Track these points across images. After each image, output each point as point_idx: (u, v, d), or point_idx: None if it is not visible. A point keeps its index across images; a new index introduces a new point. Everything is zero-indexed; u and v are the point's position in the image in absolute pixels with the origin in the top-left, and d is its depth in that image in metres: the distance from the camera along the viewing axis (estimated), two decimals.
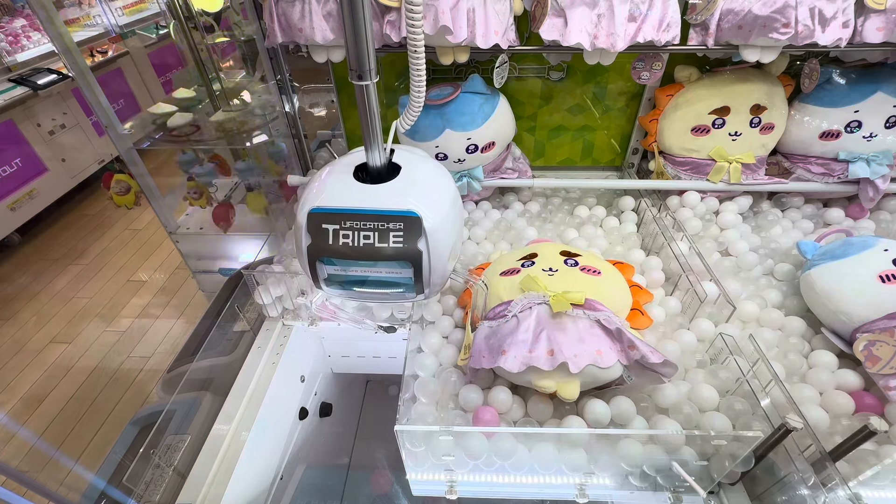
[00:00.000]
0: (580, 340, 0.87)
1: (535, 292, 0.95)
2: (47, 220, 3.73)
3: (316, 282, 0.90)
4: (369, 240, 0.82)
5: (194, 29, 1.84)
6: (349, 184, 0.87)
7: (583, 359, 0.85)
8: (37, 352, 2.68)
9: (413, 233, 0.81)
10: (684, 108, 1.43)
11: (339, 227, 0.82)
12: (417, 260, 0.83)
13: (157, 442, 1.03)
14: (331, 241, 0.83)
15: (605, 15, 1.17)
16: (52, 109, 3.52)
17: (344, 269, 0.87)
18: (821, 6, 1.11)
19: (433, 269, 0.86)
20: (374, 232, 0.82)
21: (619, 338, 0.88)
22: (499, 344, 0.91)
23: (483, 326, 0.99)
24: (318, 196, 0.86)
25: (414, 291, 0.90)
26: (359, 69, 0.76)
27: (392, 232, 0.81)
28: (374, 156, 0.86)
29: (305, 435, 1.40)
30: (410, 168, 0.90)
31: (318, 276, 0.88)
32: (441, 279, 0.91)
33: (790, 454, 0.82)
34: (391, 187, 0.86)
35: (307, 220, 0.84)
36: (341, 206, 0.84)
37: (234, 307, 1.33)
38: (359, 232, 0.82)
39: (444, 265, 0.89)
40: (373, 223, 0.82)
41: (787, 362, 1.03)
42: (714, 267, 1.24)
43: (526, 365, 0.86)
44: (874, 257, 1.04)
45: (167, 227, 2.12)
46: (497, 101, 1.46)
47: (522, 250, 1.17)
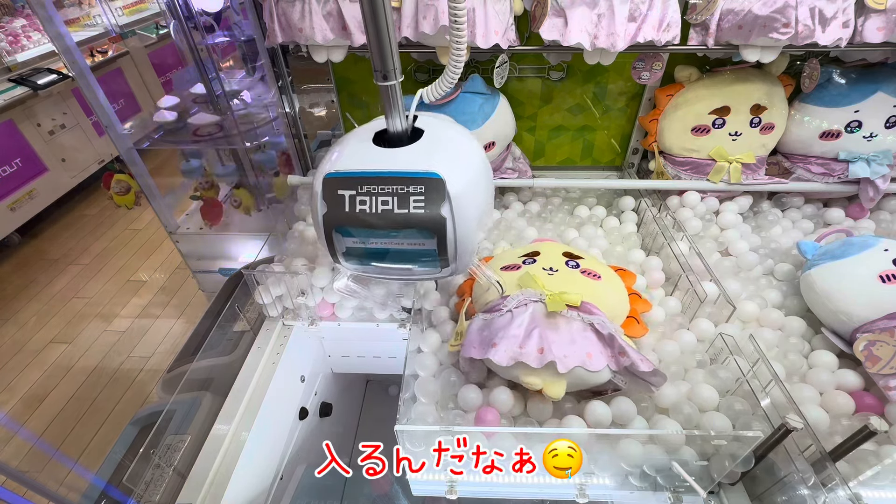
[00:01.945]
0: (571, 342, 0.88)
1: (533, 290, 0.96)
2: (47, 220, 3.73)
3: (334, 256, 0.84)
4: (388, 205, 0.75)
5: (194, 29, 1.83)
6: (367, 148, 0.81)
7: (572, 360, 0.86)
8: (37, 352, 2.68)
9: (436, 197, 0.75)
10: (684, 108, 1.43)
11: (355, 192, 0.76)
12: (441, 228, 0.76)
13: (157, 442, 1.03)
14: (347, 209, 0.77)
15: (605, 15, 1.17)
16: (52, 109, 3.51)
17: (363, 240, 0.81)
18: (821, 6, 1.11)
19: (459, 239, 0.79)
20: (393, 197, 0.75)
21: (611, 343, 0.89)
22: (490, 336, 0.92)
23: (478, 318, 1.00)
24: (335, 161, 0.80)
25: (439, 266, 0.83)
26: (383, 69, 0.74)
27: (412, 196, 0.75)
28: (394, 122, 0.80)
29: (305, 435, 1.40)
30: (434, 131, 0.84)
31: (336, 250, 0.82)
32: (468, 253, 0.84)
33: (790, 454, 0.82)
34: (412, 150, 0.80)
35: (322, 186, 0.79)
36: (358, 169, 0.78)
37: (234, 307, 1.33)
38: (376, 197, 0.75)
39: (470, 235, 0.81)
40: (391, 187, 0.75)
41: (787, 362, 1.03)
42: (714, 267, 1.24)
43: (514, 360, 0.87)
44: (874, 257, 1.04)
45: (167, 227, 2.11)
46: (497, 101, 1.46)
47: (525, 247, 1.17)
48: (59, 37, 1.53)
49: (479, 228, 0.85)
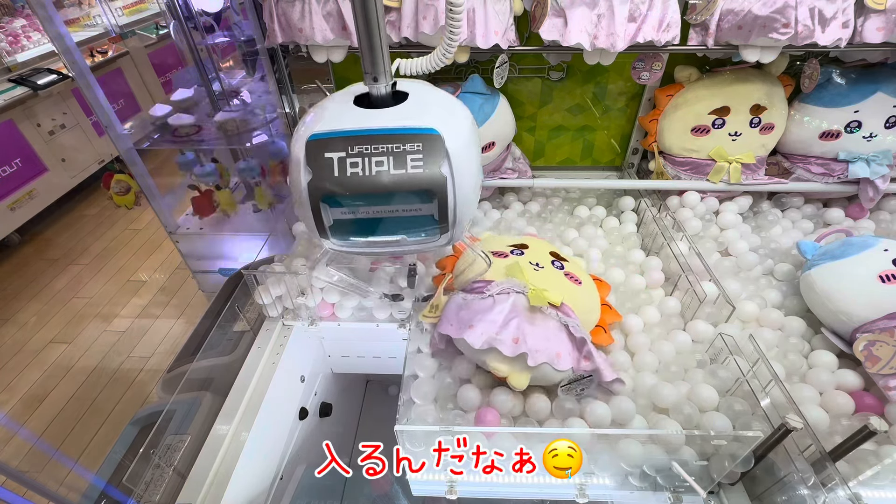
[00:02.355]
0: (545, 338, 0.91)
1: (518, 280, 0.97)
2: (47, 220, 3.72)
3: (321, 230, 0.76)
4: (383, 166, 0.69)
5: (194, 29, 1.83)
6: (352, 109, 0.75)
7: (542, 356, 0.89)
8: (37, 352, 2.68)
9: (434, 154, 0.69)
10: (684, 109, 1.43)
11: (345, 154, 0.69)
12: (441, 187, 0.71)
13: (157, 442, 1.03)
14: (336, 173, 0.69)
15: (605, 15, 1.17)
16: (52, 109, 3.51)
17: (353, 210, 0.74)
18: (821, 6, 1.11)
19: (459, 201, 0.73)
20: (388, 156, 0.69)
21: (580, 347, 0.93)
22: (469, 318, 0.94)
23: (457, 296, 1.01)
24: (317, 122, 0.73)
25: (437, 233, 0.77)
26: (373, 72, 0.73)
27: (409, 155, 0.69)
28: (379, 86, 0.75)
29: (305, 435, 1.40)
30: (419, 93, 0.79)
31: (324, 223, 0.75)
32: (466, 217, 0.79)
33: (790, 454, 0.82)
34: (402, 109, 0.75)
35: (305, 150, 0.71)
36: (346, 129, 0.71)
37: (234, 307, 1.32)
38: (369, 158, 0.69)
39: (469, 197, 0.76)
40: (386, 145, 0.69)
41: (787, 362, 1.03)
42: (714, 267, 1.24)
43: (489, 344, 0.90)
44: (874, 257, 1.04)
45: (167, 227, 2.11)
46: (497, 101, 1.46)
47: (515, 237, 1.18)
48: (59, 37, 1.53)
49: (475, 192, 0.80)
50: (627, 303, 1.20)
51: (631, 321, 1.12)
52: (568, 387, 0.95)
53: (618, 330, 1.14)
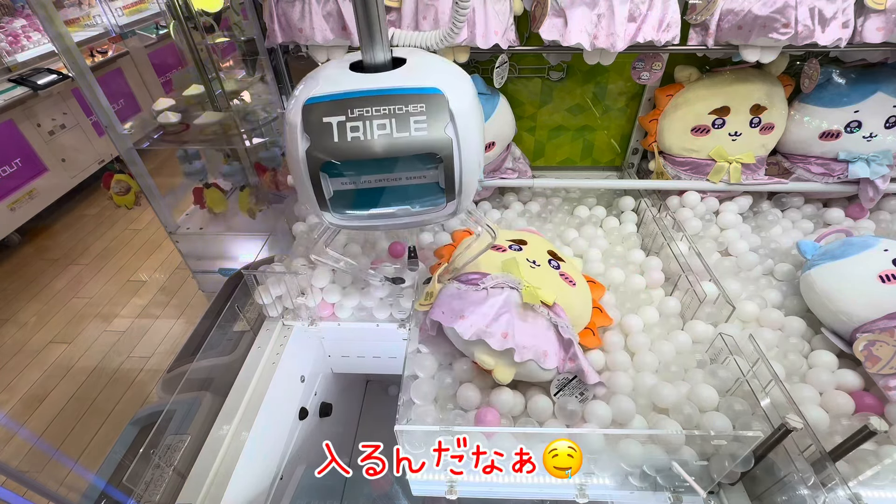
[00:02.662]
0: (534, 336, 0.92)
1: (513, 276, 0.98)
2: (47, 220, 3.72)
3: (321, 203, 0.72)
4: (385, 129, 0.65)
5: (194, 29, 1.83)
6: (349, 74, 0.72)
7: (529, 353, 0.90)
8: (37, 352, 2.68)
9: (438, 115, 0.66)
10: (684, 108, 1.43)
11: (345, 118, 0.65)
12: (447, 150, 0.67)
13: (157, 442, 1.03)
14: (336, 139, 0.65)
15: (605, 15, 1.17)
16: (52, 109, 3.51)
17: (354, 179, 0.70)
18: (821, 6, 1.11)
19: (464, 165, 0.70)
20: (390, 119, 0.65)
21: (567, 348, 0.94)
22: (461, 308, 0.95)
23: (451, 286, 1.02)
24: (314, 86, 0.69)
25: (443, 201, 0.74)
26: (370, 36, 0.72)
27: (412, 116, 0.65)
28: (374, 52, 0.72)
29: (305, 435, 1.40)
30: (416, 57, 0.76)
31: (324, 195, 0.70)
32: (472, 185, 0.76)
33: (790, 454, 0.82)
34: (400, 72, 0.71)
35: (302, 116, 0.67)
36: (346, 90, 0.67)
37: (234, 307, 1.33)
38: (371, 121, 0.65)
39: (475, 163, 0.73)
40: (388, 107, 0.65)
41: (787, 362, 1.03)
42: (714, 267, 1.24)
43: (478, 336, 0.91)
44: (874, 257, 1.04)
45: (167, 227, 2.11)
46: (497, 101, 1.46)
47: (514, 231, 1.19)
48: (59, 37, 1.53)
49: (480, 163, 0.77)
50: (627, 303, 1.20)
51: (631, 321, 1.12)
52: (562, 392, 0.96)
53: (618, 330, 1.14)
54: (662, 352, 1.05)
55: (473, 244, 1.06)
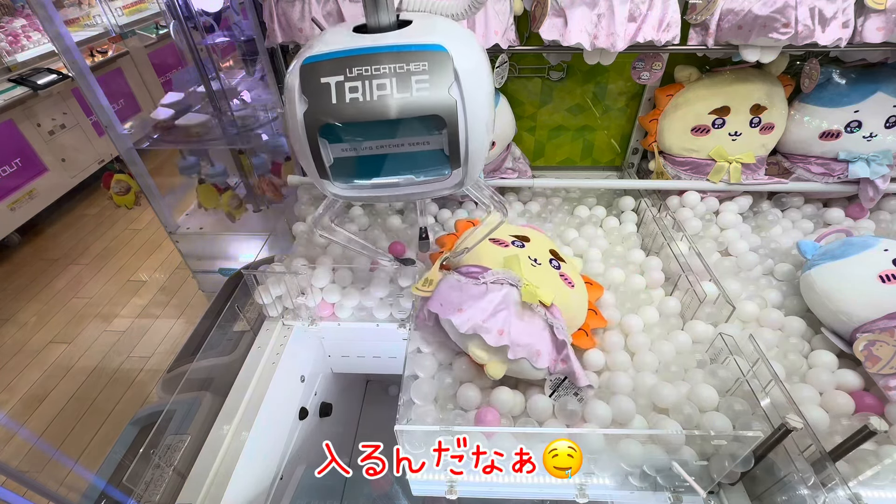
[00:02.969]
0: (529, 335, 0.93)
1: (514, 273, 0.98)
2: (47, 220, 3.73)
3: (321, 170, 0.70)
4: (385, 90, 0.62)
5: (194, 29, 1.84)
6: (351, 35, 0.69)
7: (522, 351, 0.91)
8: (37, 352, 2.68)
9: (442, 74, 0.62)
10: (684, 108, 1.43)
11: (343, 77, 0.62)
12: (450, 113, 0.63)
13: (157, 442, 1.03)
14: (335, 100, 0.63)
15: (605, 15, 1.17)
16: (52, 109, 3.51)
17: (355, 145, 0.68)
18: (821, 6, 1.11)
19: (470, 133, 0.66)
20: (392, 78, 0.62)
21: (560, 349, 0.94)
22: (460, 302, 0.95)
23: (451, 277, 1.02)
24: (313, 47, 0.66)
25: (448, 170, 0.70)
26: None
27: (414, 76, 0.62)
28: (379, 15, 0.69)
29: (305, 435, 1.40)
30: (422, 18, 0.73)
31: (323, 162, 0.68)
32: (479, 153, 0.72)
33: (790, 454, 0.82)
34: (404, 31, 0.68)
35: (300, 77, 0.64)
36: (345, 48, 0.64)
37: (234, 307, 1.33)
38: (370, 81, 0.62)
39: (482, 129, 0.69)
40: (388, 66, 0.62)
41: (787, 362, 1.03)
42: (714, 267, 1.24)
43: (474, 331, 0.92)
44: (874, 257, 1.04)
45: (167, 227, 2.12)
46: (497, 101, 1.46)
47: (517, 227, 1.19)
48: (59, 37, 1.53)
49: (489, 125, 0.73)
50: (627, 303, 1.20)
51: (631, 321, 1.12)
52: (557, 393, 0.97)
53: (618, 330, 1.14)
54: (662, 352, 1.05)
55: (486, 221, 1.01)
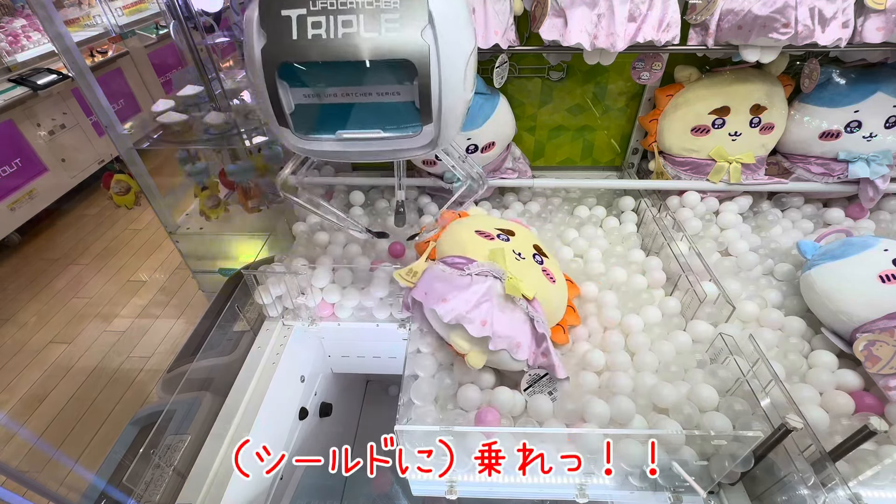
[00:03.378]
0: (511, 327, 0.94)
1: (498, 266, 1.00)
2: (47, 220, 3.72)
3: (279, 117, 0.63)
4: (351, 27, 0.57)
5: (194, 29, 1.83)
6: None
7: (503, 342, 0.93)
8: (37, 352, 2.68)
9: (414, 12, 0.57)
10: (684, 108, 1.43)
11: (305, 11, 0.57)
12: (422, 59, 0.58)
13: (157, 442, 1.03)
14: (296, 36, 0.57)
15: (605, 15, 1.17)
16: (52, 109, 3.51)
17: (318, 91, 0.62)
18: (821, 6, 1.11)
19: (444, 83, 0.60)
20: (358, 14, 0.56)
21: (540, 342, 0.96)
22: (444, 291, 0.97)
23: (437, 268, 1.03)
24: None
25: (419, 126, 0.64)
26: None
27: (384, 13, 0.57)
28: None
29: (305, 435, 1.40)
30: None
31: (282, 107, 0.62)
32: (454, 110, 0.65)
33: (790, 454, 0.82)
34: None
35: (259, 6, 0.58)
36: None
37: (234, 307, 1.33)
38: (335, 16, 0.57)
39: (458, 81, 0.63)
40: (355, 1, 0.57)
41: (787, 362, 1.03)
42: (714, 267, 1.24)
43: (458, 321, 0.93)
44: (874, 257, 1.04)
45: (167, 227, 2.11)
46: (497, 101, 1.46)
47: (503, 221, 1.21)
48: (59, 37, 1.53)
49: (468, 77, 0.66)
50: (629, 303, 1.20)
51: (631, 321, 1.12)
52: (531, 389, 0.98)
53: (618, 330, 1.14)
54: (662, 352, 1.05)
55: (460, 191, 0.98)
